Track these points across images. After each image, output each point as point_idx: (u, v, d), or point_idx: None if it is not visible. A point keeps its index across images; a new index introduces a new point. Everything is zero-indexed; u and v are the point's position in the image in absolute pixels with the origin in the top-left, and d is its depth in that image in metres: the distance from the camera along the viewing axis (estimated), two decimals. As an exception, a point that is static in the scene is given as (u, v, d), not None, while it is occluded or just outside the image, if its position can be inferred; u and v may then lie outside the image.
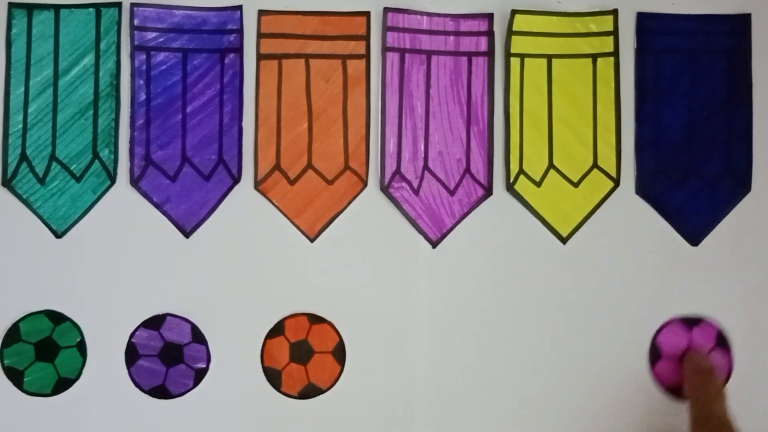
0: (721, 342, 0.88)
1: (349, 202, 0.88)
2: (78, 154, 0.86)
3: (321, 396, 0.86)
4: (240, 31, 0.88)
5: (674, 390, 0.87)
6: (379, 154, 0.88)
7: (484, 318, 0.88)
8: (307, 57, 0.88)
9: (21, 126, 0.86)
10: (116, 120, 0.87)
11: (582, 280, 0.88)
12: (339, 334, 0.86)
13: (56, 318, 0.85)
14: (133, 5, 0.87)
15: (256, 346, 0.86)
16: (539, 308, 0.88)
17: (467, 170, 0.88)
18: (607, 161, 0.89)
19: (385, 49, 0.88)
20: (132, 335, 0.85)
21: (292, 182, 0.87)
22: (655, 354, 0.88)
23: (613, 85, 0.89)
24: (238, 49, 0.88)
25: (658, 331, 0.88)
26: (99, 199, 0.86)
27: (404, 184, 0.88)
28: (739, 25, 0.90)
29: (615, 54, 0.89)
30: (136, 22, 0.87)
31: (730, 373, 0.88)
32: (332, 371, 0.86)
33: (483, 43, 0.89)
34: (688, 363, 0.86)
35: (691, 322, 0.88)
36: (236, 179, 0.87)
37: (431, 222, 0.88)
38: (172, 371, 0.85)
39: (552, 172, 0.89)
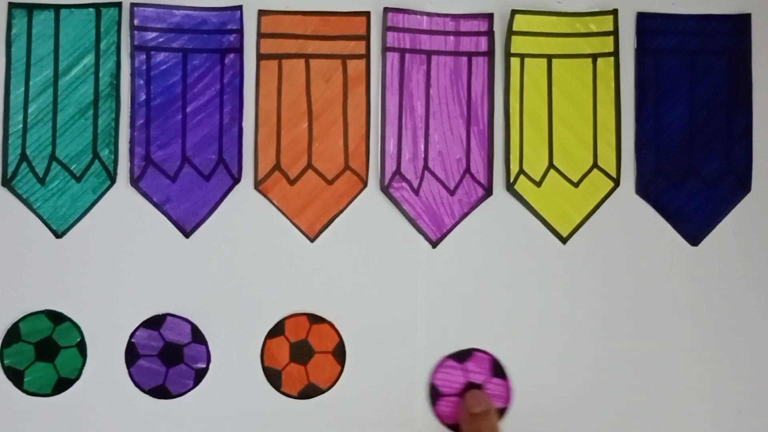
0: (497, 372, 0.86)
1: (349, 202, 0.88)
2: (78, 154, 0.86)
3: (321, 396, 0.86)
4: (240, 31, 0.88)
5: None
6: (379, 154, 0.88)
7: (483, 318, 0.87)
8: (307, 57, 0.88)
9: (21, 126, 0.86)
10: (116, 120, 0.87)
11: (582, 280, 0.88)
12: (339, 334, 0.86)
13: (56, 318, 0.85)
14: (133, 5, 0.87)
15: (256, 346, 0.86)
16: (539, 308, 0.88)
17: (467, 170, 0.88)
18: (607, 161, 0.89)
19: (385, 49, 0.88)
20: (132, 335, 0.85)
21: (292, 182, 0.87)
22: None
23: (613, 85, 0.89)
24: (238, 49, 0.88)
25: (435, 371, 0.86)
26: (99, 199, 0.86)
27: (404, 184, 0.88)
28: (739, 25, 0.90)
29: (615, 54, 0.89)
30: (136, 22, 0.87)
31: (509, 401, 0.86)
32: (332, 371, 0.86)
33: (483, 43, 0.89)
34: (464, 405, 0.83)
35: (462, 357, 0.86)
36: (236, 179, 0.87)
37: (431, 222, 0.88)
38: (172, 371, 0.85)
39: (552, 172, 0.89)
